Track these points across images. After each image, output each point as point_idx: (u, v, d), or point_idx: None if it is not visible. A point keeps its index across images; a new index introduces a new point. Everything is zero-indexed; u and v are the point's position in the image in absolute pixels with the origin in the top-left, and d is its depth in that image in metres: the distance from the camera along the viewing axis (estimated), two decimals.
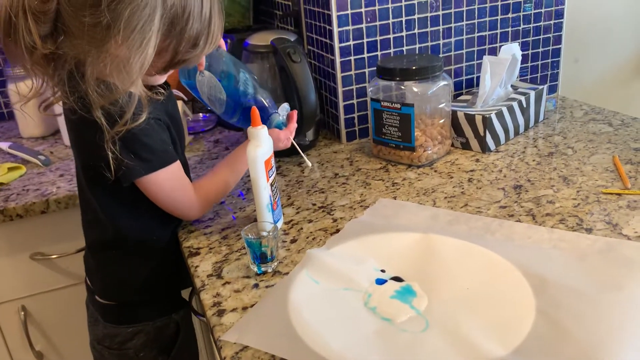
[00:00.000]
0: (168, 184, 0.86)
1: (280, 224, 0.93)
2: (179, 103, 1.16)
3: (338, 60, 1.20)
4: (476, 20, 1.29)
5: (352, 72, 1.22)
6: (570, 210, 0.91)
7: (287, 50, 1.11)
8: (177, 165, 0.86)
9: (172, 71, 0.83)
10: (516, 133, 1.23)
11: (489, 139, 1.15)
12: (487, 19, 1.30)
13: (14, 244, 1.18)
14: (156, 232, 0.93)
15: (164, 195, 0.87)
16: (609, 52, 1.65)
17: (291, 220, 0.95)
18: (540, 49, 1.40)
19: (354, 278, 0.76)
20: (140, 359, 0.97)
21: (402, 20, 1.22)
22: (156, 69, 0.78)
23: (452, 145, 1.20)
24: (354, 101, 1.25)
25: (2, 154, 1.38)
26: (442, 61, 1.10)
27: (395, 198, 1.00)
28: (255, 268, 0.81)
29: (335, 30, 1.17)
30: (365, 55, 1.22)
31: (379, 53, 1.23)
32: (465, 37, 1.30)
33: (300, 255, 0.84)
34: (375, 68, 1.12)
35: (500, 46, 1.32)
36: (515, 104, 1.19)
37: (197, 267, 0.85)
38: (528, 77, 1.42)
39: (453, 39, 1.29)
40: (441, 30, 1.27)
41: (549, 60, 1.42)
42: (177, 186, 0.88)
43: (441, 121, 1.13)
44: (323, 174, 1.13)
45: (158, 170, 0.83)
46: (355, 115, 1.27)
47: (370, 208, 0.96)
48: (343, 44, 1.19)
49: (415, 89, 1.08)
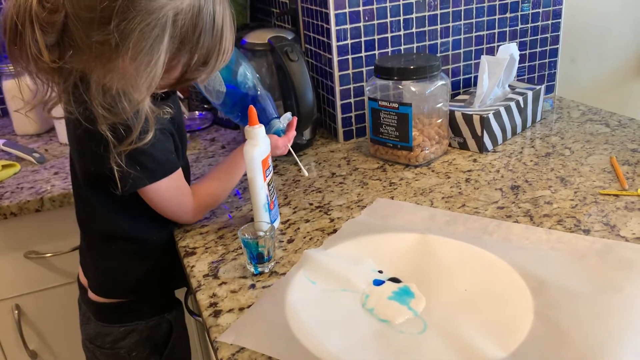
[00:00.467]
0: (168, 192, 0.87)
1: (277, 223, 0.92)
2: None
3: (335, 58, 1.19)
4: (474, 20, 1.29)
5: (350, 71, 1.22)
6: (567, 211, 0.90)
7: (285, 48, 1.10)
8: (178, 173, 0.87)
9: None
10: (513, 133, 1.23)
11: (486, 139, 1.15)
12: (485, 18, 1.30)
13: (8, 243, 1.17)
14: (153, 232, 0.93)
15: (164, 203, 0.88)
16: (606, 53, 1.65)
17: (288, 220, 0.95)
18: (538, 49, 1.39)
19: (351, 279, 0.76)
20: (132, 358, 0.96)
21: (400, 19, 1.21)
22: (165, 86, 0.77)
23: (450, 145, 1.20)
24: (352, 100, 1.25)
25: None
26: (440, 60, 1.09)
27: (392, 198, 0.99)
28: (251, 268, 0.81)
29: (333, 28, 1.16)
30: (363, 54, 1.21)
31: (376, 52, 1.22)
32: (463, 36, 1.29)
33: (297, 255, 0.84)
34: (373, 67, 1.12)
35: (498, 46, 1.31)
36: (512, 104, 1.19)
37: (193, 267, 0.84)
38: (525, 77, 1.41)
39: (451, 39, 1.28)
40: (439, 29, 1.26)
41: (546, 60, 1.42)
42: (177, 194, 0.89)
43: (439, 121, 1.13)
44: (320, 173, 1.12)
45: (160, 180, 0.84)
46: (352, 114, 1.26)
47: (367, 208, 0.96)
48: (341, 43, 1.18)
49: (413, 89, 1.08)
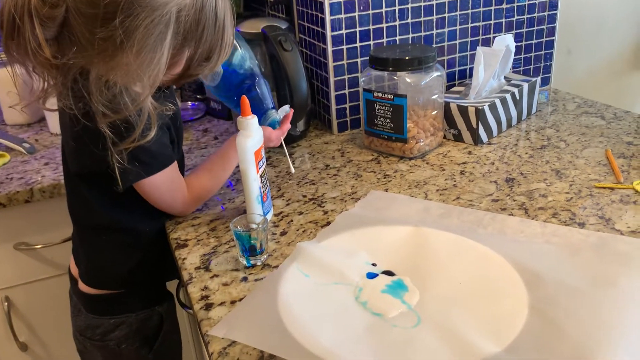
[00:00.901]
0: (164, 185, 0.86)
1: (270, 216, 0.91)
2: None
3: (330, 49, 1.18)
4: (470, 11, 1.28)
5: (344, 62, 1.20)
6: (562, 204, 0.90)
7: (279, 38, 1.08)
8: (174, 166, 0.86)
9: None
10: (509, 125, 1.22)
11: (481, 131, 1.14)
12: (481, 9, 1.29)
13: None
14: (146, 224, 0.92)
15: (159, 196, 0.87)
16: (602, 45, 1.64)
17: (281, 213, 0.94)
18: (534, 41, 1.38)
19: (344, 272, 0.75)
20: (122, 351, 0.95)
21: (395, 10, 1.20)
22: (167, 82, 0.76)
23: (445, 137, 1.19)
24: (346, 91, 1.23)
25: None
26: (436, 51, 1.08)
27: (386, 190, 0.99)
28: (244, 261, 0.80)
29: (328, 18, 1.15)
30: (358, 44, 1.20)
31: (371, 42, 1.21)
32: (458, 27, 1.28)
33: (290, 248, 0.83)
34: (368, 58, 1.10)
35: (494, 37, 1.30)
36: (508, 96, 1.18)
37: (184, 259, 0.83)
38: (521, 68, 1.41)
39: (446, 29, 1.27)
40: (434, 20, 1.25)
41: (542, 52, 1.41)
42: (172, 187, 0.88)
43: (434, 113, 1.12)
44: (314, 165, 1.11)
45: (156, 173, 0.83)
46: (347, 105, 1.25)
47: (361, 200, 0.95)
48: (335, 33, 1.17)
49: (408, 80, 1.07)
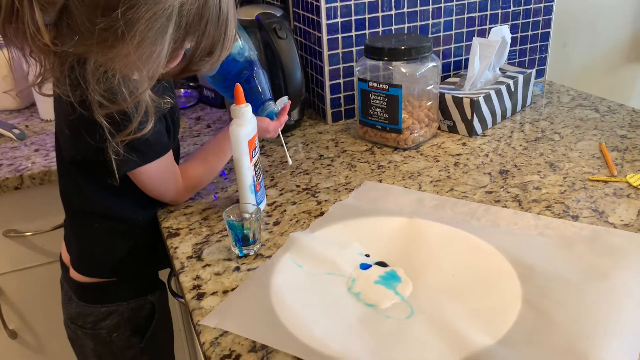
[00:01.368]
0: (158, 174, 0.85)
1: (263, 205, 0.91)
2: None
3: (325, 37, 1.17)
4: (466, 1, 1.27)
5: (339, 51, 1.19)
6: (556, 196, 0.90)
7: (273, 25, 1.07)
8: (169, 155, 0.86)
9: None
10: (503, 117, 1.22)
11: (476, 123, 1.14)
12: (477, 0, 1.28)
13: None
14: (138, 212, 0.91)
15: (153, 185, 0.87)
16: (597, 38, 1.64)
17: (274, 202, 0.93)
18: (530, 32, 1.38)
19: (337, 262, 0.75)
20: (113, 339, 0.95)
21: None
22: (168, 75, 0.74)
23: (439, 129, 1.18)
24: (341, 80, 1.22)
25: None
26: (432, 42, 1.07)
27: (380, 181, 0.98)
28: (236, 250, 0.79)
29: (323, 6, 1.13)
30: (353, 33, 1.19)
31: (367, 31, 1.20)
32: (454, 17, 1.27)
33: (284, 238, 0.82)
34: (363, 47, 1.09)
35: (490, 28, 1.29)
36: (503, 88, 1.18)
37: (176, 248, 0.83)
38: (516, 60, 1.40)
39: (442, 19, 1.26)
40: (431, 10, 1.24)
41: (538, 44, 1.40)
42: (167, 176, 0.87)
43: (429, 103, 1.11)
44: (307, 155, 1.10)
45: (151, 162, 0.82)
46: (341, 95, 1.24)
47: (355, 191, 0.95)
48: (330, 21, 1.15)
49: (404, 70, 1.06)
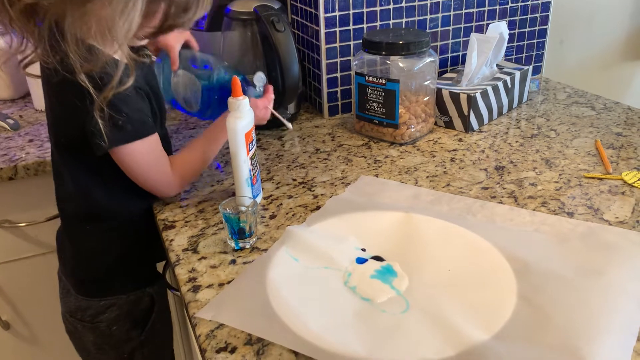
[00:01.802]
0: (144, 157, 0.82)
1: (259, 199, 0.90)
2: None
3: (323, 31, 1.16)
4: None
5: (337, 44, 1.19)
6: (552, 193, 0.90)
7: (271, 18, 1.07)
8: (154, 138, 0.82)
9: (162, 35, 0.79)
10: (499, 113, 1.22)
11: (472, 119, 1.14)
12: None
13: None
14: (130, 206, 0.90)
15: (139, 170, 0.83)
16: (593, 36, 1.64)
17: (270, 196, 0.93)
18: (527, 29, 1.38)
19: (334, 256, 0.75)
20: (113, 332, 0.94)
21: None
22: (145, 34, 0.73)
23: (436, 124, 1.18)
24: (338, 74, 1.22)
25: None
26: (429, 37, 1.07)
27: (377, 176, 0.98)
28: (232, 244, 0.79)
29: None
30: (351, 27, 1.18)
31: (365, 25, 1.19)
32: (452, 13, 1.27)
33: (280, 231, 0.82)
34: (361, 41, 1.09)
35: (488, 24, 1.29)
36: (500, 84, 1.18)
37: (172, 240, 0.83)
38: (513, 56, 1.40)
39: (440, 15, 1.26)
40: (429, 5, 1.24)
41: (535, 40, 1.40)
42: (154, 161, 0.84)
43: (426, 99, 1.11)
44: (304, 148, 1.10)
45: (134, 142, 0.79)
46: (338, 89, 1.24)
47: (351, 185, 0.95)
48: (328, 15, 1.15)
49: (401, 65, 1.06)
